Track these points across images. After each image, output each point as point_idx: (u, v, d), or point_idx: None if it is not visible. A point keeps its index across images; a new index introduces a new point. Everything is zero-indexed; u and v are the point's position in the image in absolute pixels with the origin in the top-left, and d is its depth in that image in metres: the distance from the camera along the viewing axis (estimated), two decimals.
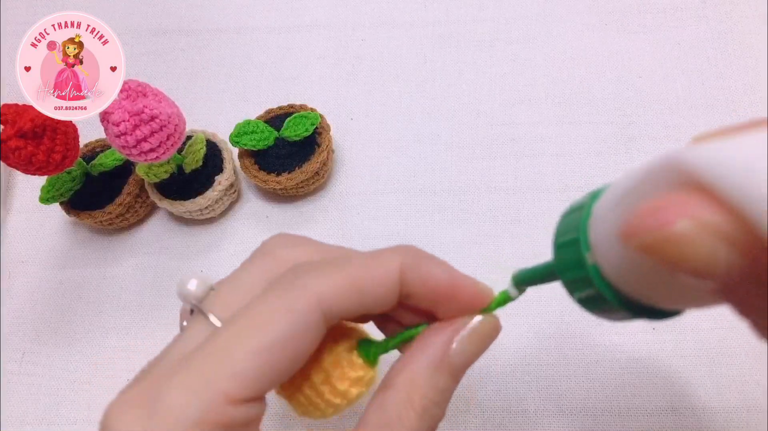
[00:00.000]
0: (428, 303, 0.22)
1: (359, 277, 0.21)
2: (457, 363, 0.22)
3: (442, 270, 0.22)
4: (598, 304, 0.19)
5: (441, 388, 0.22)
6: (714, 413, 0.36)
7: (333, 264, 0.22)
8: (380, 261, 0.22)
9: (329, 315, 0.21)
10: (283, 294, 0.20)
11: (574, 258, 0.19)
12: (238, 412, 0.19)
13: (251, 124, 0.43)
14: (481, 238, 0.42)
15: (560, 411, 0.36)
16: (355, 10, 0.52)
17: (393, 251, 0.22)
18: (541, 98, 0.47)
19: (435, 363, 0.22)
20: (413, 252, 0.22)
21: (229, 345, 0.19)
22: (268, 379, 0.20)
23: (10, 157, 0.34)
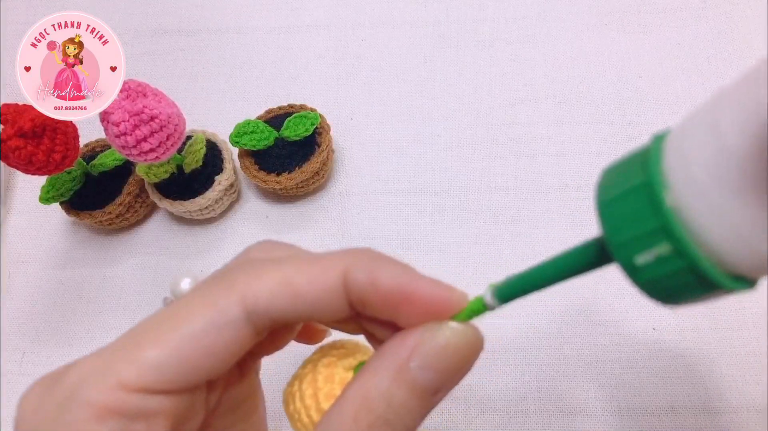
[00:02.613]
0: (386, 311, 0.20)
1: (294, 278, 0.19)
2: (421, 379, 0.19)
3: (396, 274, 0.19)
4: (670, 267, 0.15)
5: (396, 405, 0.18)
6: (714, 413, 0.36)
7: (270, 263, 0.20)
8: (321, 262, 0.20)
9: (256, 316, 0.19)
10: (207, 290, 0.20)
11: (642, 206, 0.15)
12: (132, 400, 0.18)
13: (251, 124, 0.43)
14: (481, 238, 0.42)
15: (560, 411, 0.36)
16: (355, 10, 0.52)
17: (340, 253, 0.20)
18: (541, 98, 0.47)
19: (391, 373, 0.19)
20: (365, 255, 0.20)
21: (140, 333, 0.19)
22: (173, 372, 0.18)
23: (10, 157, 0.34)
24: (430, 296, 0.19)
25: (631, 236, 0.15)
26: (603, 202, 0.16)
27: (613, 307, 0.39)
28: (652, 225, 0.15)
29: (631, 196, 0.15)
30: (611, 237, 0.16)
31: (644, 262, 0.15)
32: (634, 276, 0.16)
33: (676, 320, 0.38)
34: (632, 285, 0.16)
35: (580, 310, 0.39)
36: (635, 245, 0.15)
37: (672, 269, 0.15)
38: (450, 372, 0.19)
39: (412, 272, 0.20)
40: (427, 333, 0.19)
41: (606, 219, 0.16)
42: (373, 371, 0.19)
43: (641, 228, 0.15)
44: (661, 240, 0.15)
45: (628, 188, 0.16)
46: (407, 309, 0.19)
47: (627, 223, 0.15)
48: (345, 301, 0.19)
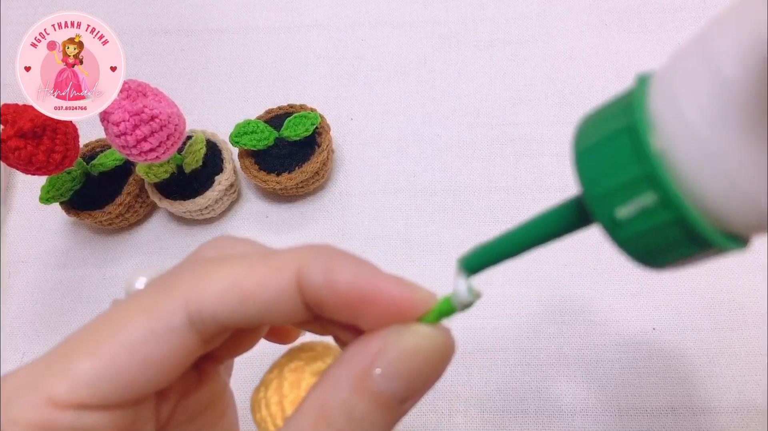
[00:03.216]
0: (345, 314, 0.18)
1: (242, 280, 0.17)
2: (386, 388, 0.17)
3: (354, 273, 0.17)
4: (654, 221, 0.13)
5: (358, 418, 0.17)
6: (714, 413, 0.36)
7: (217, 264, 0.18)
8: (273, 261, 0.18)
9: (201, 322, 0.17)
10: (148, 295, 0.18)
11: (624, 153, 0.13)
12: (64, 417, 0.16)
13: (251, 124, 0.43)
14: (481, 238, 0.42)
15: (560, 411, 0.36)
16: (355, 10, 0.52)
17: (295, 251, 0.18)
18: (541, 98, 0.47)
19: (351, 382, 0.17)
20: (322, 252, 0.18)
21: (74, 343, 0.18)
22: (110, 386, 0.17)
23: (10, 157, 0.34)
24: (393, 296, 0.18)
25: (612, 187, 0.14)
26: (580, 151, 0.15)
27: (613, 307, 0.39)
28: (636, 172, 0.13)
29: (612, 142, 0.14)
30: (589, 189, 0.14)
31: (626, 216, 0.14)
32: (615, 233, 0.14)
33: (676, 320, 0.38)
34: (612, 246, 0.15)
35: (580, 310, 0.39)
36: (616, 197, 0.14)
37: (657, 223, 0.13)
38: (418, 380, 0.17)
39: (373, 270, 0.18)
40: (391, 338, 0.17)
41: (583, 170, 0.15)
42: (331, 380, 0.17)
43: (623, 177, 0.13)
44: (645, 189, 0.13)
45: (609, 133, 0.14)
46: (368, 312, 0.17)
47: (607, 173, 0.14)
48: (300, 304, 0.18)
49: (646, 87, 0.14)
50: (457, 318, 0.42)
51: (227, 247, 0.20)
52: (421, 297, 0.18)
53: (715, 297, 0.39)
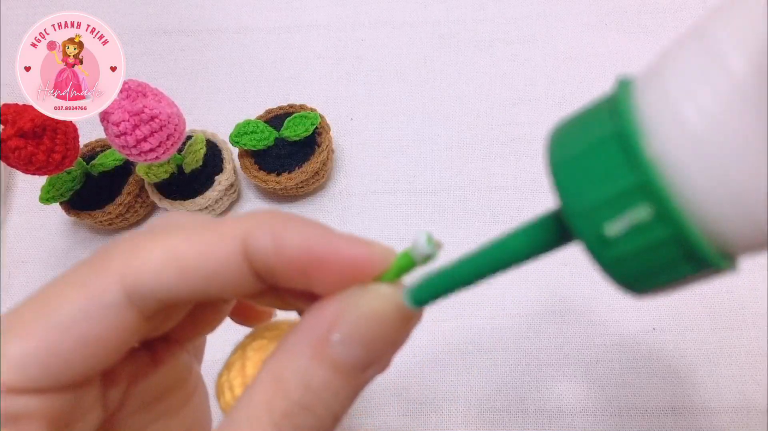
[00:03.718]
0: (298, 280, 0.17)
1: (182, 251, 0.16)
2: (346, 355, 0.16)
3: (304, 235, 0.16)
4: (648, 238, 0.12)
5: (317, 388, 0.16)
6: (714, 413, 0.36)
7: (155, 235, 0.17)
8: (215, 230, 0.17)
9: (139, 298, 0.16)
10: (81, 270, 0.17)
11: (613, 161, 0.12)
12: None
13: (251, 124, 0.43)
14: (481, 238, 0.42)
15: (560, 411, 0.36)
16: (355, 10, 0.52)
17: (238, 218, 0.17)
18: (541, 98, 0.47)
19: (309, 350, 0.16)
20: (268, 217, 0.17)
21: (5, 323, 0.16)
22: (42, 369, 0.16)
23: (10, 157, 0.34)
24: (346, 256, 0.16)
25: (598, 200, 0.12)
26: (557, 162, 0.13)
27: (613, 307, 0.39)
28: (627, 182, 0.12)
29: (598, 150, 0.12)
30: (571, 203, 0.13)
31: (615, 233, 0.12)
32: (600, 253, 0.13)
33: (676, 320, 0.38)
34: (595, 267, 0.13)
35: (580, 310, 0.39)
36: (604, 211, 0.12)
37: (651, 240, 0.12)
38: (380, 344, 0.16)
39: (324, 230, 0.17)
40: (348, 300, 0.16)
41: (563, 182, 0.13)
42: (287, 348, 0.16)
43: (612, 189, 0.12)
44: (638, 201, 0.12)
45: (593, 141, 0.12)
46: (323, 275, 0.16)
47: (592, 185, 0.12)
48: (249, 273, 0.16)
49: (630, 89, 0.13)
50: (456, 318, 0.43)
51: (173, 220, 0.19)
52: (378, 254, 0.17)
53: (715, 297, 0.39)
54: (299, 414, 0.16)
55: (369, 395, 0.37)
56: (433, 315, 0.39)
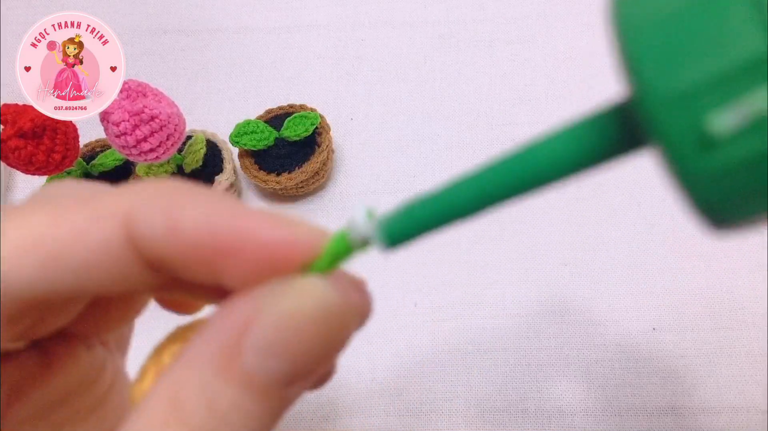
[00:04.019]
0: (201, 271, 0.13)
1: (43, 233, 0.13)
2: (262, 369, 0.12)
3: (206, 213, 0.13)
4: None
5: (224, 409, 0.12)
6: (714, 413, 0.36)
7: (13, 214, 0.13)
8: (90, 206, 0.13)
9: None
10: None
11: (736, 16, 0.08)
12: None
13: (251, 124, 0.43)
14: (481, 238, 0.42)
15: (560, 411, 0.36)
16: (355, 10, 0.52)
17: (122, 191, 0.13)
18: (541, 98, 0.47)
19: (213, 364, 0.12)
20: (160, 190, 0.13)
21: None
22: None
23: (10, 157, 0.34)
24: (261, 240, 0.13)
25: (704, 78, 0.08)
26: (636, 21, 0.09)
27: (613, 307, 0.39)
28: (757, 47, 0.08)
29: (708, 3, 0.08)
30: (655, 84, 0.09)
31: (723, 129, 0.08)
32: (694, 160, 0.09)
33: (676, 320, 0.38)
34: (674, 183, 0.09)
35: (580, 310, 0.39)
36: (710, 95, 0.08)
37: None
38: (307, 355, 0.12)
39: (232, 206, 0.13)
40: (265, 299, 0.12)
41: (643, 52, 0.09)
42: (187, 360, 0.13)
43: (728, 60, 0.08)
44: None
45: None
46: (232, 265, 0.13)
47: (694, 54, 0.08)
48: (136, 262, 0.13)
49: None
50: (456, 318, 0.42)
51: (52, 190, 0.15)
52: (305, 237, 0.13)
53: (715, 297, 0.39)
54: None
55: (369, 395, 0.37)
56: (433, 316, 0.39)
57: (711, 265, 0.40)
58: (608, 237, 0.41)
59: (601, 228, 0.41)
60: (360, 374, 0.38)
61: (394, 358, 0.38)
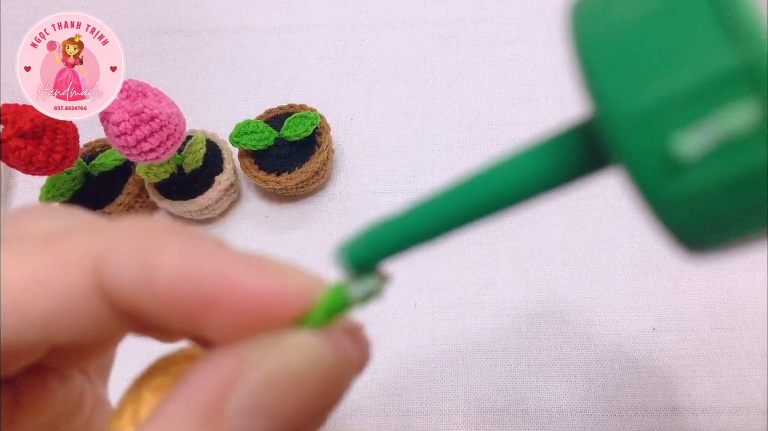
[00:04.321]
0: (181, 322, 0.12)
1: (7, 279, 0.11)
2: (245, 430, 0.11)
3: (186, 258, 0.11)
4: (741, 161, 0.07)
5: None
6: (714, 413, 0.36)
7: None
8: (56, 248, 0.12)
9: None
10: None
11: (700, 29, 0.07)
12: None
13: (251, 124, 0.43)
14: (481, 238, 0.42)
15: (560, 411, 0.36)
16: (355, 10, 0.52)
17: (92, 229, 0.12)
18: (541, 98, 0.47)
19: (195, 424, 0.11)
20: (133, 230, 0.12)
21: None
22: None
23: (10, 157, 0.34)
24: (248, 292, 0.11)
25: (666, 94, 0.08)
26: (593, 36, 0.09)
27: (613, 307, 0.39)
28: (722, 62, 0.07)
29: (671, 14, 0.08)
30: (616, 103, 0.08)
31: (692, 150, 0.07)
32: (660, 184, 0.08)
33: (676, 320, 0.38)
34: (642, 206, 0.09)
35: (580, 310, 0.39)
36: (673, 114, 0.08)
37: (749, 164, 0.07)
38: (298, 413, 0.12)
39: (216, 251, 0.12)
40: (251, 356, 0.11)
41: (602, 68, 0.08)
42: (166, 419, 0.12)
43: (693, 75, 0.07)
44: (739, 94, 0.07)
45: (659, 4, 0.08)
46: (214, 317, 0.12)
47: (656, 69, 0.08)
48: (106, 312, 0.12)
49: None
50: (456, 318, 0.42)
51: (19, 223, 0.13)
52: (296, 287, 0.12)
53: (715, 297, 0.39)
54: None
55: (369, 395, 0.37)
56: (433, 315, 0.39)
57: (711, 265, 0.40)
58: (608, 237, 0.41)
59: (601, 228, 0.41)
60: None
61: (394, 358, 0.38)
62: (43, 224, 0.13)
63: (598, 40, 0.09)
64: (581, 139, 0.10)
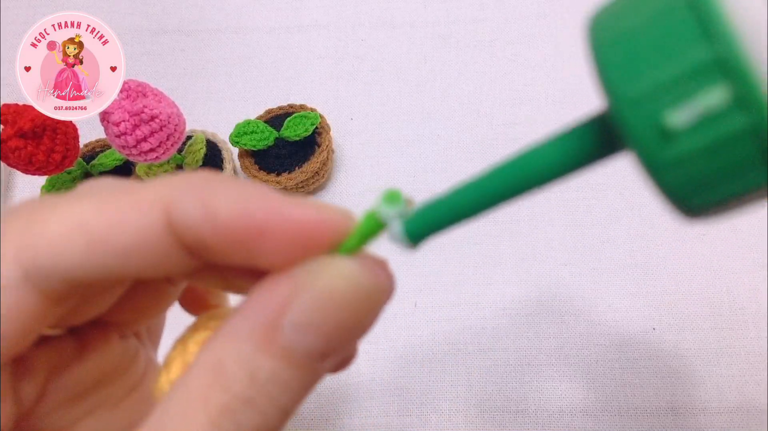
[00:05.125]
0: (238, 254, 0.14)
1: (88, 219, 0.14)
2: (300, 343, 0.13)
3: (241, 199, 0.14)
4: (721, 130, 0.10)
5: (263, 380, 0.13)
6: (714, 413, 0.36)
7: (60, 202, 0.14)
8: (131, 196, 0.14)
9: (39, 275, 0.14)
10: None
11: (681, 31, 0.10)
12: None
13: (251, 124, 0.43)
14: (481, 238, 0.42)
15: (560, 411, 0.36)
16: (355, 10, 0.52)
17: (160, 182, 0.14)
18: (541, 98, 0.47)
19: (255, 337, 0.13)
20: (196, 179, 0.14)
21: None
22: None
23: (10, 157, 0.34)
24: (294, 222, 0.14)
25: (659, 81, 0.10)
26: (605, 41, 0.11)
27: (613, 307, 0.39)
28: (700, 57, 0.10)
29: (662, 20, 0.10)
30: (622, 90, 0.11)
31: (678, 124, 0.10)
32: (657, 152, 0.11)
33: (676, 320, 0.38)
34: (646, 176, 0.11)
35: (580, 310, 0.39)
36: (665, 96, 0.10)
37: (723, 133, 0.10)
38: (340, 331, 0.14)
39: (265, 192, 0.14)
40: (302, 278, 0.14)
41: (611, 65, 0.11)
42: (230, 333, 0.14)
43: (678, 66, 0.10)
44: (712, 81, 0.10)
45: (656, 10, 0.10)
46: (266, 247, 0.14)
47: (651, 63, 0.10)
48: (175, 247, 0.14)
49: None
50: (456, 318, 0.42)
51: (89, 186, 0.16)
52: (334, 218, 0.14)
53: (715, 297, 0.39)
54: (241, 409, 0.13)
55: (369, 395, 0.37)
56: (433, 315, 0.39)
57: (711, 265, 0.40)
58: (608, 237, 0.41)
59: (601, 229, 0.42)
60: (360, 374, 0.38)
61: (394, 358, 0.38)
62: (104, 185, 0.15)
63: (609, 44, 0.11)
64: (599, 128, 0.13)
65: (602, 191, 0.43)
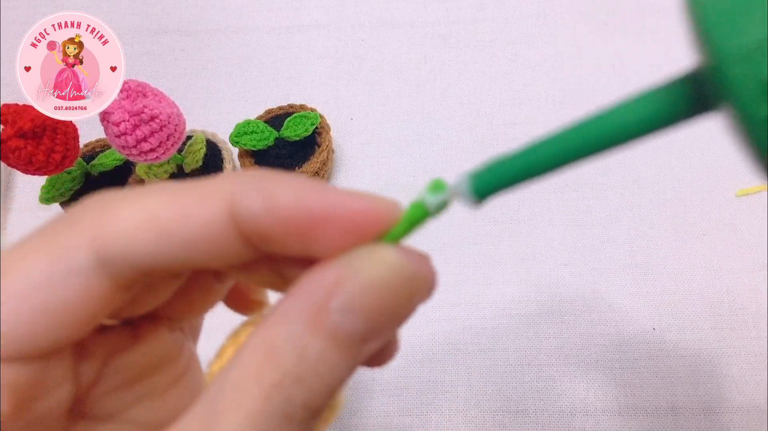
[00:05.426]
0: (295, 243, 0.15)
1: (158, 211, 0.15)
2: (345, 325, 0.14)
3: (298, 192, 0.15)
4: None
5: (312, 359, 0.14)
6: (714, 413, 0.36)
7: (131, 195, 0.16)
8: (198, 190, 0.15)
9: (111, 262, 0.15)
10: (49, 230, 0.15)
11: None
12: None
13: (251, 124, 0.43)
14: (481, 238, 0.42)
15: (560, 411, 0.36)
16: (355, 10, 0.52)
17: (223, 178, 0.16)
18: (541, 98, 0.47)
19: (305, 318, 0.14)
20: (256, 175, 0.15)
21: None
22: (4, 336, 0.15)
23: (10, 157, 0.34)
24: (348, 211, 0.15)
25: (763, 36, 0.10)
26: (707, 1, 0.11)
27: (613, 307, 0.39)
28: None
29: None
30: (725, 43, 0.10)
31: None
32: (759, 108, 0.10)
33: (676, 320, 0.38)
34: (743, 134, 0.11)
35: (580, 310, 0.39)
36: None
37: None
38: (383, 315, 0.15)
39: (320, 186, 0.15)
40: (350, 265, 0.15)
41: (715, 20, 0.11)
42: (281, 316, 0.15)
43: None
44: None
45: None
46: (322, 235, 0.15)
47: (758, 18, 0.10)
48: (236, 238, 0.15)
49: None
50: (456, 318, 0.43)
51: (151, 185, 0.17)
52: (383, 208, 0.15)
53: (715, 297, 0.39)
54: (291, 385, 0.14)
55: (369, 395, 0.37)
56: (433, 316, 0.39)
57: (711, 265, 0.40)
58: (608, 237, 0.41)
59: (601, 229, 0.42)
60: (360, 374, 0.38)
61: (395, 358, 0.38)
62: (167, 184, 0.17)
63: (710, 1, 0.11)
64: (689, 86, 0.12)
65: (602, 191, 0.43)
